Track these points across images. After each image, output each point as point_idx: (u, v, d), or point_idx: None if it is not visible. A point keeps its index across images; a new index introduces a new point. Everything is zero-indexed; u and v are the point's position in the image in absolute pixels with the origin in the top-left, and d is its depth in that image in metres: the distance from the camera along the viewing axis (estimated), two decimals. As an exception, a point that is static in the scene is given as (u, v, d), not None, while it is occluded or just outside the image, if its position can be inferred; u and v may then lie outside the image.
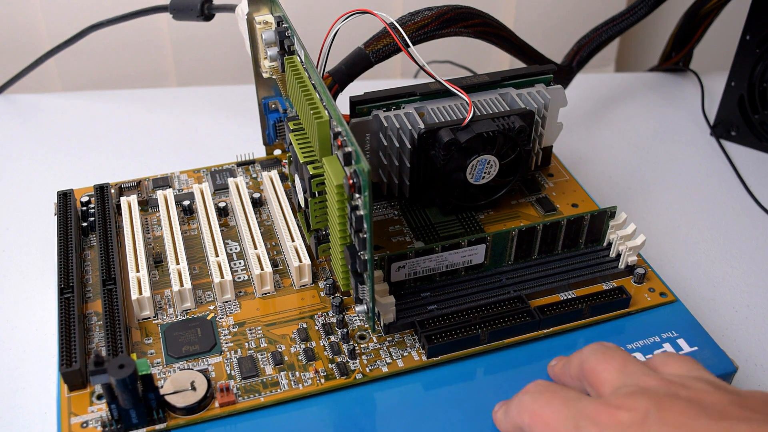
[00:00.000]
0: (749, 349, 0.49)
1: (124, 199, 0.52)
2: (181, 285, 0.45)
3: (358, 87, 0.51)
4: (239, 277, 0.48)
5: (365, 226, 0.39)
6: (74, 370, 0.40)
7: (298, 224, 0.50)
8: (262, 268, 0.47)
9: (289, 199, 0.52)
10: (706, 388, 0.33)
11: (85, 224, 0.51)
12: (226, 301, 0.46)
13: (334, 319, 0.45)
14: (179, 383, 0.40)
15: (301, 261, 0.47)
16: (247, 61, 0.55)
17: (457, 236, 0.51)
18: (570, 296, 0.47)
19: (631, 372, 0.34)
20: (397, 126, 0.49)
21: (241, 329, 0.45)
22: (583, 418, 0.32)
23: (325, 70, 0.49)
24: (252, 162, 0.58)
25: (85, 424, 0.39)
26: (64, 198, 0.51)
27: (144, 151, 0.68)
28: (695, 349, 0.44)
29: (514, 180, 0.52)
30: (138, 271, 0.46)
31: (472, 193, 0.51)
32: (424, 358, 0.43)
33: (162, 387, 0.40)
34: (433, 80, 0.50)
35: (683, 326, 0.45)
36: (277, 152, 0.59)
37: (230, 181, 0.54)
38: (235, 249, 0.51)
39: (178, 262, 0.47)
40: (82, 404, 0.40)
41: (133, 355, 0.38)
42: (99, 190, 0.52)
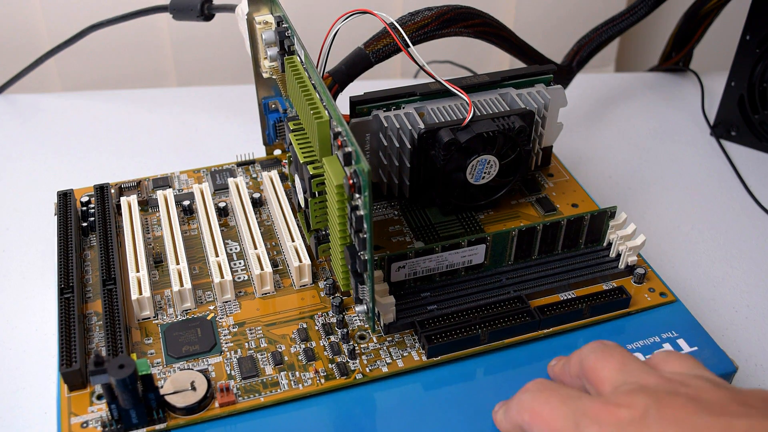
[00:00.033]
0: (749, 349, 0.49)
1: (124, 199, 0.52)
2: (181, 285, 0.45)
3: (358, 87, 0.51)
4: (239, 277, 0.48)
5: (365, 226, 0.39)
6: (74, 370, 0.40)
7: (298, 224, 0.50)
8: (262, 268, 0.47)
9: (289, 199, 0.52)
10: (706, 386, 0.32)
11: (85, 224, 0.51)
12: (226, 301, 0.46)
13: (334, 319, 0.45)
14: (179, 383, 0.40)
15: (301, 261, 0.47)
16: (247, 61, 0.55)
17: (457, 236, 0.51)
18: (570, 296, 0.47)
19: (631, 370, 0.34)
20: (397, 126, 0.49)
21: (241, 329, 0.45)
22: (583, 415, 0.32)
23: (325, 70, 0.49)
24: (252, 162, 0.58)
25: (85, 424, 0.39)
26: (64, 198, 0.51)
27: (144, 151, 0.68)
28: (695, 349, 0.44)
29: (514, 180, 0.52)
30: (138, 271, 0.46)
31: (472, 193, 0.51)
32: (424, 358, 0.43)
33: (162, 387, 0.40)
34: (433, 80, 0.50)
35: (683, 326, 0.45)
36: (277, 152, 0.59)
37: (230, 181, 0.54)
38: (235, 249, 0.51)
39: (178, 262, 0.47)
40: (82, 404, 0.40)
41: (133, 355, 0.38)
42: (99, 190, 0.52)
